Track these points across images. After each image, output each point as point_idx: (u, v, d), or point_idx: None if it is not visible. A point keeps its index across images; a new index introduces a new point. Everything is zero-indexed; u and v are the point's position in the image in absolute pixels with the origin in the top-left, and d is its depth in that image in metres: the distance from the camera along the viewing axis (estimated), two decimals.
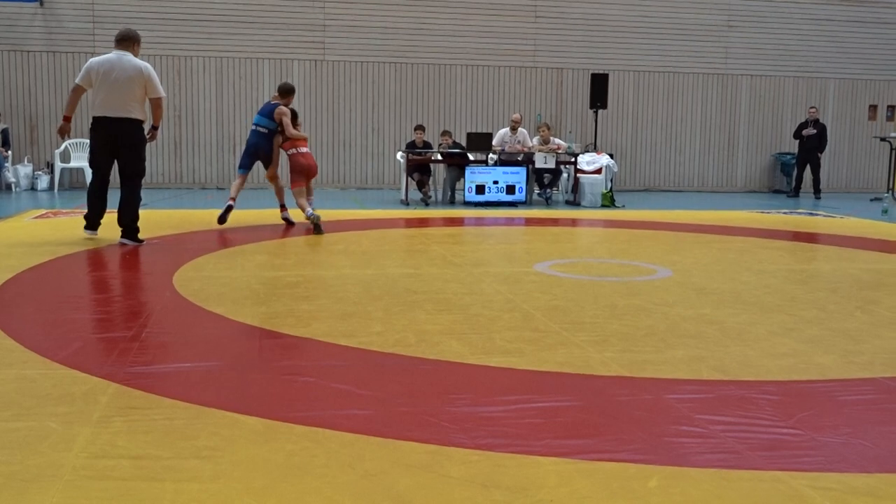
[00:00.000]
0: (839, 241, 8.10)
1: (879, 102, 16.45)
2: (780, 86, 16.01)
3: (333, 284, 5.30)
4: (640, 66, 15.36)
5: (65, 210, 9.73)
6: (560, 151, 12.20)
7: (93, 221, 7.20)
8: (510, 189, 11.70)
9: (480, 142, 12.08)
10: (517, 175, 11.77)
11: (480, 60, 14.79)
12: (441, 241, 7.65)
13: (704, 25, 15.50)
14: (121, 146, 6.97)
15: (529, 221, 9.79)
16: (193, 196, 12.52)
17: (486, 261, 6.68)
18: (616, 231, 8.88)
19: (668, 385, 3.23)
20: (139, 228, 7.01)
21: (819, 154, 14.58)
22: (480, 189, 11.61)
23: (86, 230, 7.20)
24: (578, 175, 12.25)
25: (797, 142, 14.80)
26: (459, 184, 12.06)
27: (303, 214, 8.18)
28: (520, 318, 4.38)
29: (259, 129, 8.38)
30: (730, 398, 3.08)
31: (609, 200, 11.96)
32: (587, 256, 7.11)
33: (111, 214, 7.15)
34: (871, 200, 13.65)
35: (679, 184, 15.90)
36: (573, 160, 12.31)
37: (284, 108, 8.37)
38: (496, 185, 11.68)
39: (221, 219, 8.08)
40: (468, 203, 11.59)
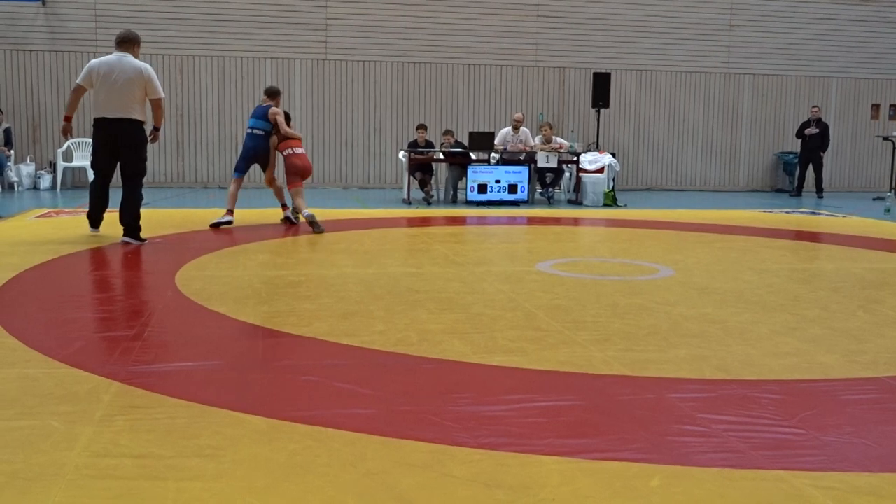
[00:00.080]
0: (842, 241, 8.09)
1: (882, 101, 16.42)
2: (783, 85, 15.99)
3: (335, 283, 5.30)
4: (643, 65, 15.35)
5: (67, 209, 9.73)
6: (562, 150, 12.19)
7: (94, 219, 7.32)
8: (512, 188, 11.70)
9: (482, 141, 12.08)
10: (519, 174, 11.77)
11: (483, 60, 14.78)
12: (443, 241, 7.65)
13: (707, 24, 15.48)
14: (121, 146, 7.01)
15: (531, 220, 9.78)
16: (195, 195, 12.53)
17: (489, 260, 6.68)
18: (618, 230, 8.88)
19: (671, 384, 3.23)
20: (141, 227, 7.02)
21: (822, 153, 14.56)
22: (482, 188, 11.61)
23: (91, 228, 7.33)
24: (580, 174, 12.25)
25: (800, 141, 14.78)
26: (461, 183, 12.07)
27: (300, 215, 8.24)
28: (522, 318, 4.38)
29: (255, 132, 8.42)
30: (732, 397, 3.08)
31: (611, 199, 11.96)
32: (589, 255, 7.10)
33: (112, 213, 7.17)
34: (874, 200, 13.63)
35: (681, 183, 15.88)
36: (575, 159, 12.30)
37: (277, 109, 8.43)
38: (498, 185, 11.67)
39: (215, 225, 8.08)
40: (470, 202, 11.58)
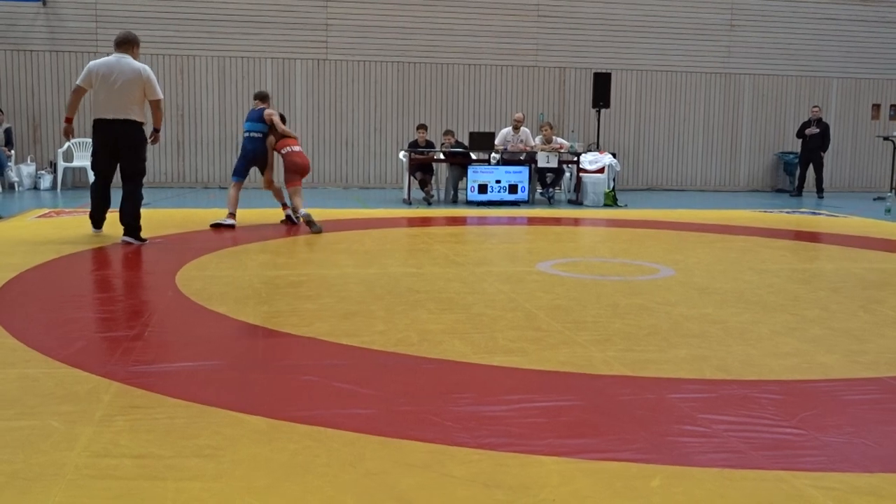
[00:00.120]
0: (842, 241, 8.08)
1: (882, 101, 16.42)
2: (783, 85, 15.99)
3: (336, 283, 5.30)
4: (643, 65, 15.35)
5: (67, 209, 9.74)
6: (562, 151, 12.18)
7: (97, 219, 7.35)
8: (513, 188, 11.70)
9: (483, 141, 12.08)
10: (519, 174, 11.77)
11: (483, 60, 14.78)
12: (443, 241, 7.65)
13: (707, 24, 15.48)
14: (121, 147, 7.04)
15: (532, 221, 9.78)
16: (196, 195, 12.53)
17: (489, 260, 6.68)
18: (618, 230, 8.88)
19: (671, 384, 3.23)
20: (141, 227, 7.03)
21: (822, 153, 14.56)
22: (483, 188, 11.61)
23: (94, 229, 7.36)
24: (581, 174, 12.25)
25: (800, 141, 14.78)
26: (462, 183, 12.07)
27: (298, 215, 8.28)
28: (522, 318, 4.38)
29: (253, 135, 8.46)
30: (732, 398, 3.07)
31: (612, 200, 11.95)
32: (590, 256, 7.10)
33: (113, 213, 7.18)
34: (875, 200, 13.63)
35: (682, 183, 15.88)
36: (576, 159, 12.30)
37: (272, 110, 8.52)
38: (499, 185, 11.67)
39: (217, 226, 8.08)
40: (470, 202, 11.59)
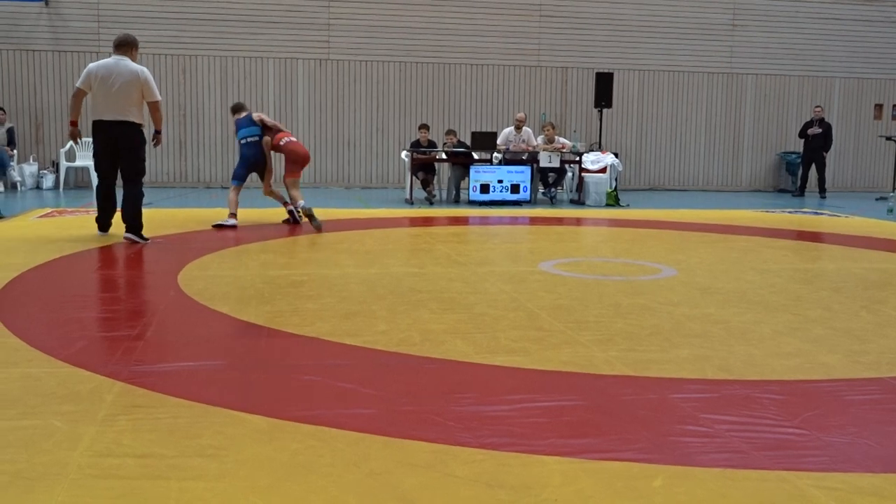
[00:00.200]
0: (844, 241, 8.08)
1: (885, 101, 16.40)
2: (786, 85, 15.97)
3: (338, 283, 5.30)
4: (645, 65, 15.34)
5: (70, 209, 9.75)
6: (564, 150, 12.18)
7: (104, 223, 7.36)
8: (515, 188, 11.70)
9: (485, 141, 12.08)
10: (522, 174, 11.77)
11: (485, 60, 14.78)
12: (445, 241, 7.65)
13: (709, 24, 15.47)
14: (121, 149, 7.08)
15: (534, 220, 9.78)
16: (198, 195, 12.54)
17: (491, 260, 6.68)
18: (620, 230, 8.87)
19: (673, 384, 3.23)
20: (143, 225, 7.05)
21: (824, 153, 14.54)
22: (485, 188, 11.61)
23: (99, 232, 7.36)
24: (583, 174, 12.24)
25: (802, 141, 14.76)
26: (464, 183, 12.06)
27: (299, 209, 8.40)
28: (524, 318, 4.38)
29: (249, 140, 8.52)
30: (735, 398, 3.07)
31: (613, 199, 11.95)
32: (592, 255, 7.10)
33: (117, 214, 7.21)
34: (877, 200, 13.62)
35: (684, 183, 15.87)
36: (578, 159, 12.30)
37: (258, 113, 8.76)
38: (501, 185, 11.67)
39: (218, 226, 8.09)
40: (473, 202, 11.58)
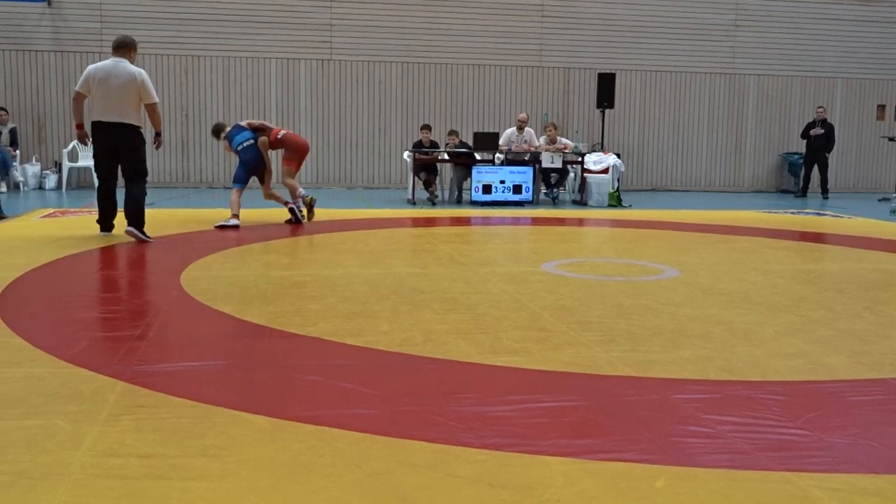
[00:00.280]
0: (847, 242, 8.07)
1: (888, 102, 16.38)
2: (788, 85, 15.96)
3: (340, 284, 5.30)
4: (647, 66, 15.33)
5: (73, 209, 9.76)
6: (567, 151, 12.17)
7: (106, 224, 7.37)
8: (517, 189, 11.70)
9: (487, 141, 12.08)
10: (524, 175, 11.77)
11: (487, 60, 14.78)
12: (448, 241, 7.65)
13: (711, 25, 15.46)
14: (120, 150, 7.11)
15: (536, 221, 9.78)
16: (200, 195, 12.55)
17: (493, 260, 6.68)
18: (623, 231, 8.87)
19: (675, 385, 3.23)
20: (144, 222, 7.07)
21: (827, 154, 14.53)
22: (487, 189, 11.61)
23: (101, 232, 7.37)
24: (585, 175, 12.23)
25: (805, 141, 14.75)
26: (466, 183, 12.06)
27: (289, 209, 8.63)
28: (526, 318, 4.38)
29: (246, 145, 8.61)
30: (737, 398, 3.07)
31: (616, 200, 11.94)
32: (594, 256, 7.10)
33: (120, 213, 7.23)
34: (879, 201, 13.60)
35: (686, 183, 15.86)
36: (580, 160, 12.29)
37: (242, 121, 9.04)
38: (503, 185, 11.67)
39: (221, 227, 8.10)
40: (475, 202, 11.58)
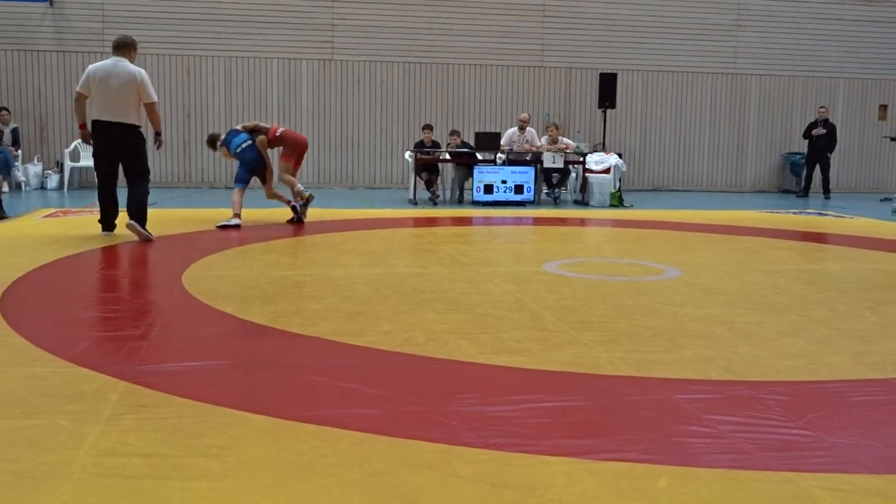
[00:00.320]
0: (849, 242, 8.06)
1: (890, 102, 16.37)
2: (790, 85, 15.95)
3: (342, 283, 5.30)
4: (649, 66, 15.33)
5: (74, 209, 9.76)
6: (568, 151, 12.17)
7: (107, 223, 7.37)
8: (518, 189, 11.70)
9: (489, 141, 12.08)
10: (525, 175, 11.77)
11: (489, 60, 14.78)
12: (449, 241, 7.65)
13: (713, 25, 15.45)
14: (120, 149, 7.11)
15: (538, 221, 9.77)
16: (202, 195, 12.55)
17: (495, 260, 6.67)
18: (624, 231, 8.86)
19: (677, 385, 3.22)
20: (146, 220, 7.08)
21: (829, 154, 14.52)
22: (489, 189, 11.61)
23: (103, 232, 7.37)
24: (587, 175, 12.23)
25: (807, 142, 14.73)
26: (468, 183, 12.06)
27: (291, 207, 8.67)
28: (528, 318, 4.37)
29: (245, 146, 8.66)
30: (739, 398, 3.07)
31: (617, 200, 11.94)
32: (595, 256, 7.10)
33: (122, 211, 7.23)
34: (881, 201, 13.58)
35: (688, 183, 15.85)
36: (581, 160, 12.29)
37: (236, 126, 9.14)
38: (504, 185, 11.67)
39: (222, 227, 8.11)
40: (476, 202, 11.58)
